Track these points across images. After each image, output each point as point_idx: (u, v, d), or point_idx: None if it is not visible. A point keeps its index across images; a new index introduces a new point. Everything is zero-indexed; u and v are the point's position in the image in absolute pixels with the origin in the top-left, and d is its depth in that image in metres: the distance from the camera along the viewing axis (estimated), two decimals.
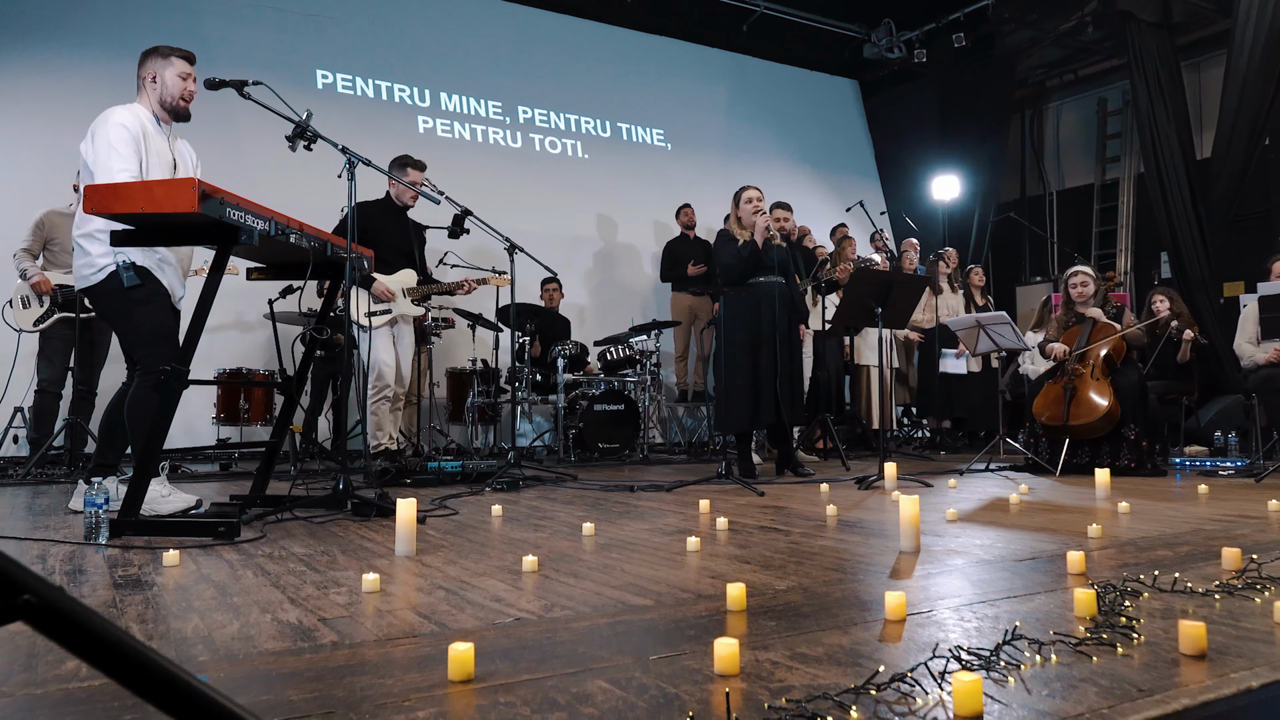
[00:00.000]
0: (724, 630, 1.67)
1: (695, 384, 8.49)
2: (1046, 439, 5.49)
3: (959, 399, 7.98)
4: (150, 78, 3.45)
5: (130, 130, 3.26)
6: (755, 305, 5.11)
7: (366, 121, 7.99)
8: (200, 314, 2.85)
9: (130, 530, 2.80)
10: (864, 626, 1.69)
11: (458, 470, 4.73)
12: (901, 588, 2.04)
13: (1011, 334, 5.33)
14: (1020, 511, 3.53)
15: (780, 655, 1.48)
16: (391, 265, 5.41)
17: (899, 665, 1.41)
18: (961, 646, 1.48)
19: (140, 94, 3.47)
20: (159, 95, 3.47)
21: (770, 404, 5.06)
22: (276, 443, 3.61)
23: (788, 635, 1.62)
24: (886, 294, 4.67)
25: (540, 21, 9.42)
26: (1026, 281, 11.48)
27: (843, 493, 4.33)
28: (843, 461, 6.03)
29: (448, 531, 3.01)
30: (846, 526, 3.11)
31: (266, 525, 3.11)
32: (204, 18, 7.43)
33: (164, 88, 3.46)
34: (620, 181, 9.43)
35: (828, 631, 1.64)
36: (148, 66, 3.46)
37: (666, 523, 3.24)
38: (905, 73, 11.21)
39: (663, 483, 4.70)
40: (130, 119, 3.30)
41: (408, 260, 5.50)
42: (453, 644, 1.38)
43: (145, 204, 2.60)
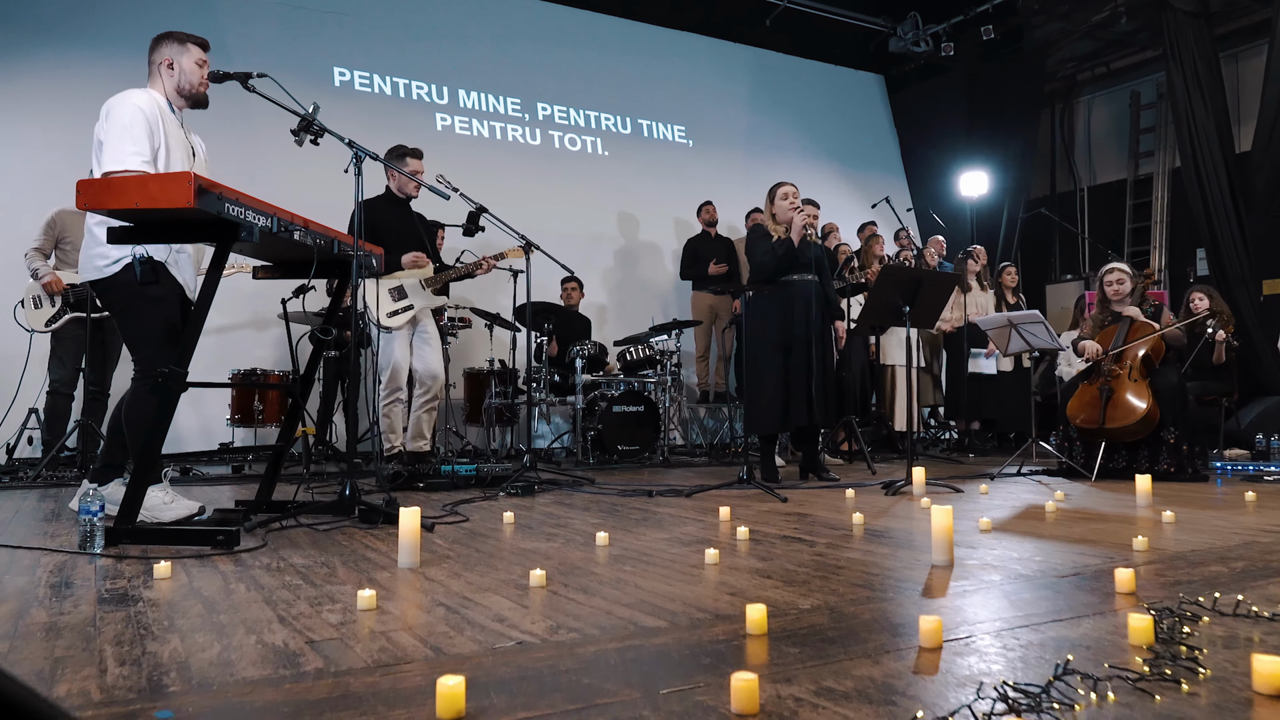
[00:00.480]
0: (743, 658, 1.52)
1: (716, 384, 8.34)
2: (1081, 442, 5.29)
3: (988, 400, 7.78)
4: (166, 64, 3.34)
5: (147, 114, 3.15)
6: (789, 303, 4.96)
7: (384, 119, 7.90)
8: (199, 314, 2.74)
9: (127, 538, 2.70)
10: (896, 655, 1.54)
11: (472, 474, 4.61)
12: (936, 608, 1.89)
13: (1045, 334, 5.14)
14: (1057, 520, 3.35)
15: (805, 690, 1.34)
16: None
17: (938, 705, 1.27)
18: (1007, 683, 1.33)
19: (153, 80, 3.36)
20: (176, 82, 3.37)
21: (803, 405, 4.90)
22: (283, 446, 3.50)
23: (813, 665, 1.47)
24: (915, 292, 4.50)
25: (559, 17, 9.30)
26: (1057, 280, 11.23)
27: (869, 499, 4.17)
28: (868, 465, 5.86)
29: (456, 541, 2.89)
30: (874, 536, 2.96)
31: (269, 533, 3.00)
32: (220, 14, 7.37)
33: (182, 74, 3.36)
34: (641, 179, 9.30)
35: (857, 661, 1.50)
36: (163, 52, 3.35)
37: (685, 531, 3.09)
38: (932, 67, 10.98)
39: (682, 487, 4.56)
40: (148, 102, 3.19)
41: (420, 251, 5.36)
42: (442, 678, 1.25)
43: (140, 199, 2.49)
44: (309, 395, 3.45)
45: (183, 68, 3.37)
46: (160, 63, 3.36)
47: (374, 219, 5.18)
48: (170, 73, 3.36)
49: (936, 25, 10.41)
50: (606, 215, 8.98)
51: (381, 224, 5.19)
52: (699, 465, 6.54)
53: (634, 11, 9.72)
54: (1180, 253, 10.10)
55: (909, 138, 11.49)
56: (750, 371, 5.05)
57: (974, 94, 10.85)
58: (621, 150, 9.35)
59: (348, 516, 3.31)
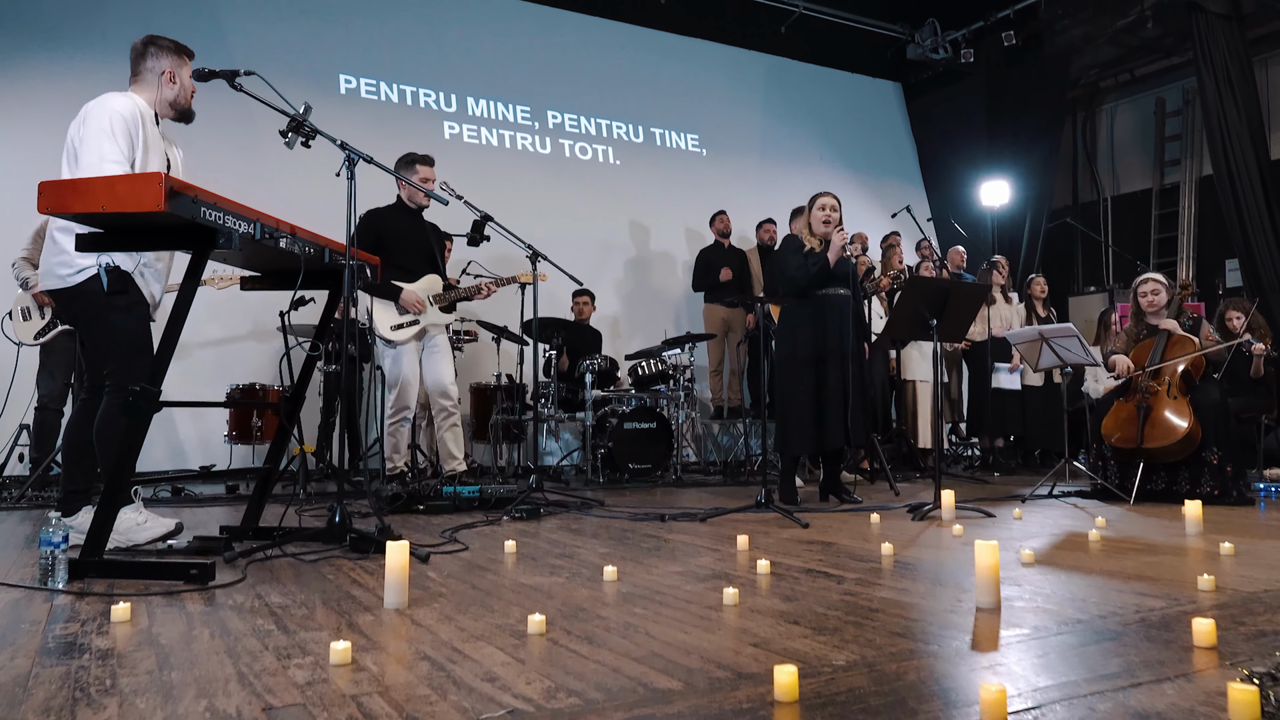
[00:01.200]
0: None
1: (731, 400, 8.10)
2: (1116, 462, 5.02)
3: (1012, 417, 7.50)
4: (167, 75, 3.17)
5: (127, 120, 2.97)
6: (822, 317, 4.74)
7: (391, 127, 7.73)
8: (173, 327, 2.53)
9: (93, 571, 2.48)
10: None
11: (475, 496, 4.38)
12: (990, 666, 1.65)
13: (1079, 347, 4.87)
14: (1104, 551, 3.10)
15: None
16: (414, 272, 5.05)
17: None
18: None
19: (141, 86, 3.17)
20: (174, 94, 3.20)
21: (838, 425, 4.66)
22: (271, 468, 3.28)
23: None
24: (942, 304, 4.25)
25: (570, 23, 9.12)
26: (1080, 292, 10.95)
27: (895, 524, 3.92)
28: (891, 485, 5.60)
29: (451, 574, 2.65)
30: (906, 570, 2.71)
31: (250, 564, 2.78)
32: (225, 19, 7.21)
33: (182, 89, 3.21)
34: (653, 188, 9.09)
35: None
36: (163, 62, 3.17)
37: (700, 564, 2.85)
38: (950, 73, 10.75)
39: (697, 510, 4.32)
40: (128, 107, 3.00)
41: (430, 265, 5.14)
42: None
43: (107, 202, 2.28)
44: (298, 413, 3.24)
45: (183, 82, 3.22)
46: (159, 71, 3.18)
47: (383, 228, 4.97)
48: (171, 86, 3.19)
49: (955, 31, 10.19)
50: (618, 225, 8.77)
51: (391, 234, 4.98)
52: (713, 484, 6.30)
53: (646, 18, 9.53)
54: (1208, 264, 9.81)
55: (928, 146, 11.25)
56: (781, 388, 4.83)
57: (994, 101, 10.61)
58: (633, 159, 9.15)
59: (338, 544, 3.08)
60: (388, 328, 4.92)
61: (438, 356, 5.10)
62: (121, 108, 2.99)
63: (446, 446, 5.12)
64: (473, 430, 6.81)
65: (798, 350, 4.77)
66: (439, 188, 4.87)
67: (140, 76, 3.19)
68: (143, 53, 3.19)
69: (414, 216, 5.11)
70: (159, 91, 3.17)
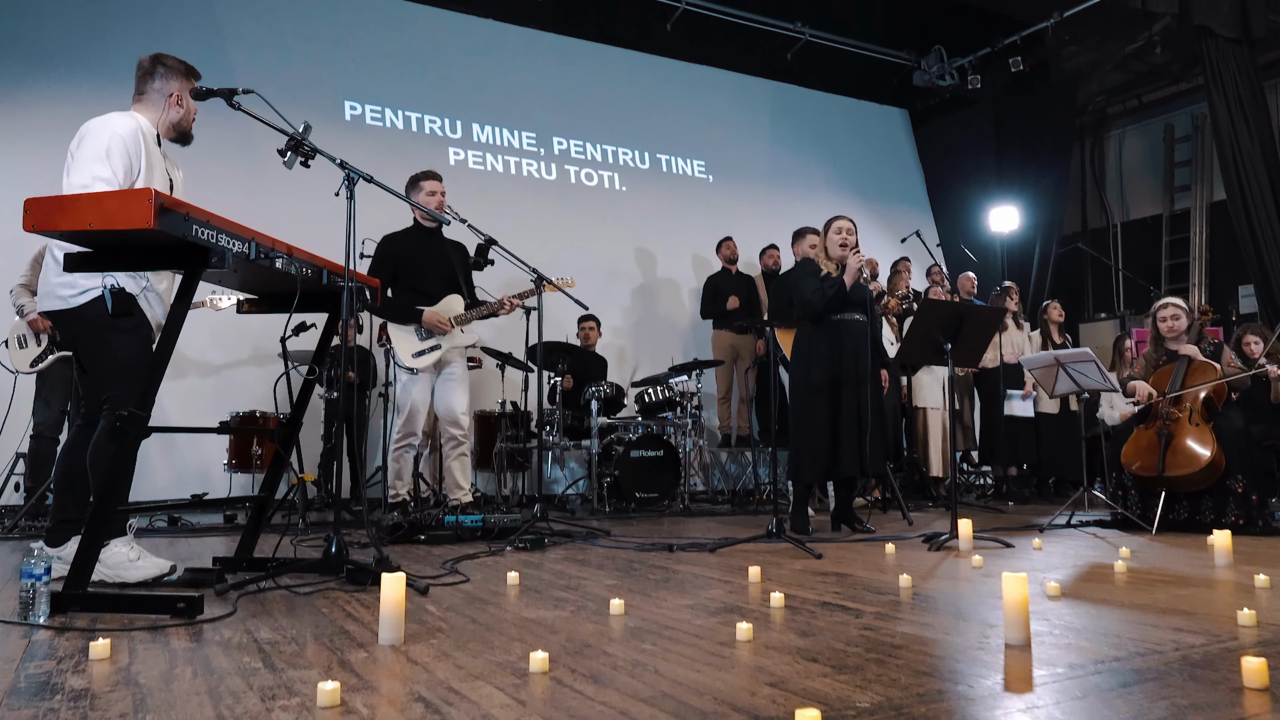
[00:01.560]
0: None
1: (739, 428, 7.97)
2: (1137, 491, 4.89)
3: (1025, 444, 7.37)
4: (175, 98, 3.10)
5: (126, 140, 2.88)
6: (838, 342, 4.64)
7: (396, 153, 7.68)
8: (164, 350, 2.45)
9: (76, 605, 2.37)
10: None
11: (478, 525, 4.26)
12: (1027, 708, 1.53)
13: (1096, 372, 4.76)
14: (1132, 583, 2.97)
15: None
16: (434, 296, 4.95)
17: None
18: None
19: (145, 105, 3.09)
20: (180, 118, 3.13)
21: (853, 452, 4.55)
22: (265, 497, 3.18)
23: None
24: (957, 328, 4.15)
25: (575, 50, 9.12)
26: (1091, 318, 10.84)
27: (911, 554, 3.79)
28: (904, 514, 5.46)
29: (450, 607, 2.54)
30: (927, 604, 2.59)
31: (242, 597, 2.66)
32: (231, 46, 7.20)
33: (186, 112, 3.14)
34: (659, 214, 9.03)
35: None
36: (171, 83, 3.09)
37: (710, 596, 2.73)
38: (958, 100, 10.73)
39: (705, 540, 4.19)
40: (129, 128, 2.92)
41: (451, 285, 5.02)
42: None
43: (95, 219, 2.20)
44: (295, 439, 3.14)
45: (188, 105, 3.15)
46: (166, 93, 3.10)
47: (400, 253, 4.89)
48: (177, 109, 3.12)
49: (962, 58, 10.18)
50: (624, 251, 8.70)
51: (408, 258, 4.90)
52: (722, 514, 6.16)
53: (651, 45, 9.53)
54: (1221, 290, 9.70)
55: (935, 172, 11.20)
56: (795, 415, 4.73)
57: (1002, 128, 10.57)
58: (639, 185, 9.10)
59: (335, 576, 2.97)
60: (409, 355, 4.83)
61: (452, 384, 4.99)
62: (122, 128, 2.91)
63: (453, 476, 5.00)
64: (477, 458, 6.69)
65: (812, 376, 4.68)
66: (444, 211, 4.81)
67: (145, 96, 3.11)
68: (150, 71, 3.12)
69: (431, 237, 5.02)
70: (165, 113, 3.10)
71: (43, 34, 6.65)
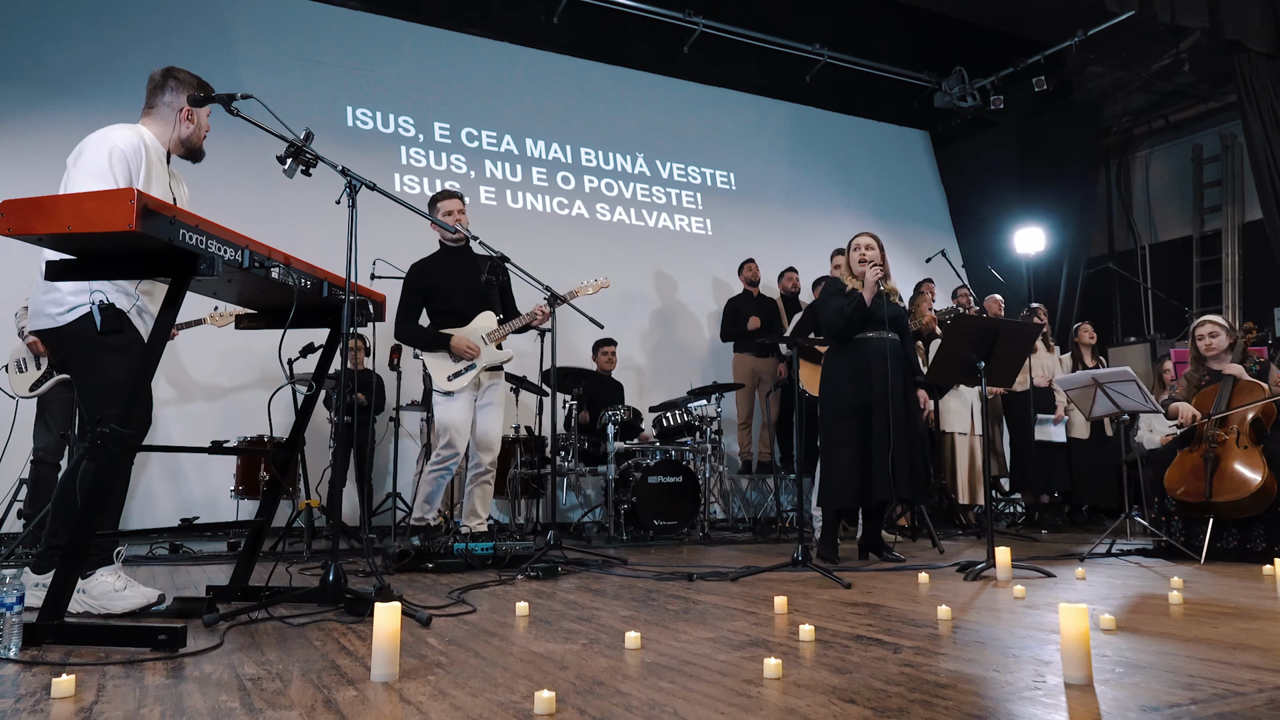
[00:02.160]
0: None
1: (761, 453, 7.76)
2: (1181, 518, 4.65)
3: (1058, 471, 7.12)
4: (185, 113, 2.98)
5: (127, 154, 2.75)
6: (864, 362, 4.46)
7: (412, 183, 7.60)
8: (148, 362, 2.29)
9: (50, 637, 2.20)
10: None
11: (489, 554, 4.08)
12: None
13: (1137, 393, 4.53)
14: (1190, 616, 2.74)
15: None
16: (466, 315, 4.80)
17: None
18: None
19: (154, 119, 2.98)
20: (190, 134, 3.01)
21: (884, 476, 4.35)
22: (261, 522, 3.01)
23: None
24: (990, 346, 3.95)
25: (591, 74, 9.04)
26: (1120, 342, 10.56)
27: (946, 584, 3.57)
28: (934, 542, 5.23)
29: (454, 640, 2.35)
30: (970, 637, 2.38)
31: (233, 628, 2.49)
32: (242, 70, 7.15)
33: (197, 127, 3.03)
34: (677, 238, 8.89)
35: None
36: (182, 98, 2.97)
37: (734, 628, 2.53)
38: (979, 121, 10.57)
39: (727, 569, 3.99)
40: (131, 141, 2.79)
41: (483, 303, 4.87)
42: None
43: (73, 221, 2.06)
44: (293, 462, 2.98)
45: (199, 121, 3.03)
46: (177, 108, 2.99)
47: (429, 279, 4.76)
48: (188, 124, 3.01)
49: (984, 79, 10.02)
50: (642, 275, 8.55)
51: (439, 282, 4.76)
52: (743, 542, 5.95)
53: (668, 68, 9.43)
54: (1256, 311, 9.42)
55: (958, 194, 11.02)
56: (825, 438, 4.54)
57: (1026, 149, 10.40)
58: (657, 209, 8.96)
59: (334, 606, 2.79)
60: (444, 379, 4.68)
61: (491, 409, 4.84)
62: (123, 141, 2.78)
63: (473, 503, 4.81)
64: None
65: (840, 398, 4.49)
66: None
67: (155, 110, 2.99)
68: (161, 85, 3.00)
69: (460, 257, 4.88)
70: (175, 129, 2.98)
71: (53, 57, 6.61)
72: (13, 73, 6.48)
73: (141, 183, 2.80)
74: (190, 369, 6.45)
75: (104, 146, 2.71)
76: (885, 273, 4.60)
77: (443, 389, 4.67)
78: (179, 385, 6.43)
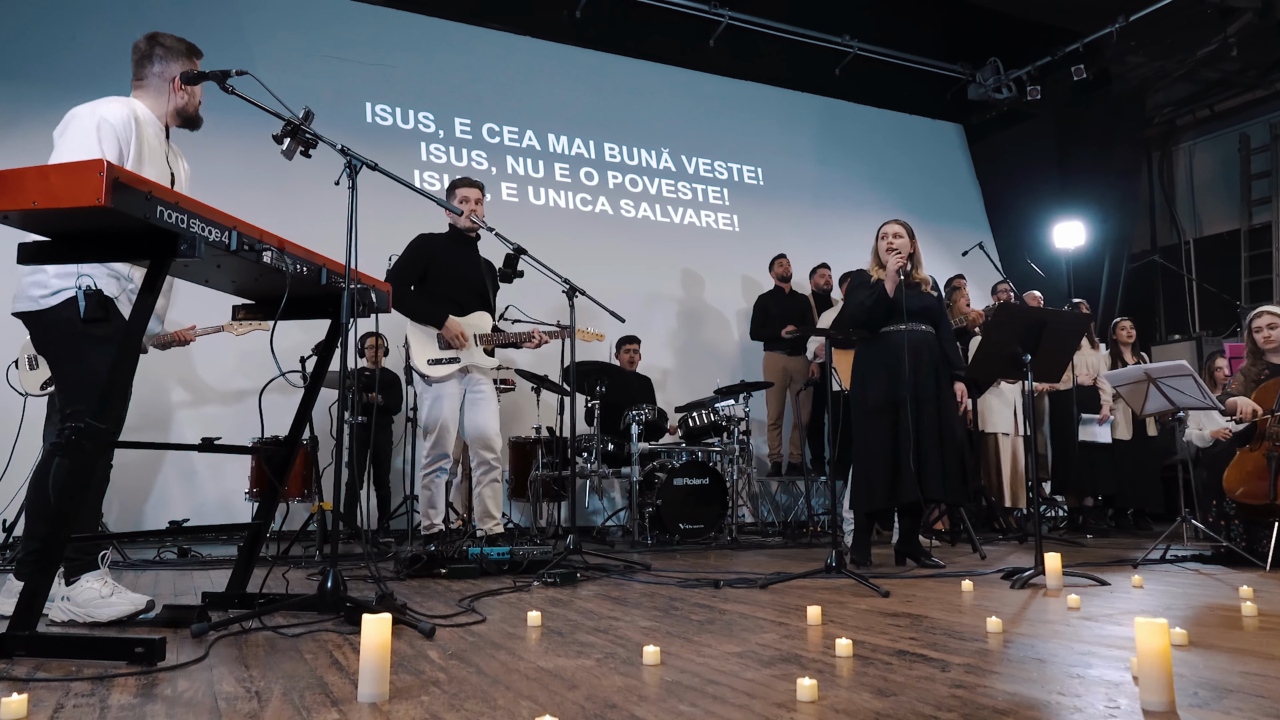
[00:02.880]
0: None
1: (791, 455, 7.52)
2: (1241, 521, 4.36)
3: (1103, 472, 6.82)
4: (176, 82, 2.83)
5: (117, 126, 2.62)
6: (893, 357, 4.23)
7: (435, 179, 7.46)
8: (126, 350, 2.12)
9: (21, 648, 2.03)
10: None
11: (505, 559, 3.88)
12: None
13: (1194, 389, 4.25)
14: (1269, 629, 2.49)
15: None
16: (464, 307, 4.60)
17: None
18: None
19: (146, 91, 2.84)
20: (184, 103, 2.87)
21: (912, 477, 4.12)
22: (260, 525, 2.84)
23: None
24: (1037, 338, 3.70)
25: (616, 68, 8.86)
26: (1164, 340, 10.19)
27: (991, 592, 3.33)
28: (974, 547, 4.97)
29: (456, 654, 2.16)
30: (1025, 653, 2.14)
31: (222, 638, 2.31)
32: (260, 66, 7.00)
33: (191, 95, 2.89)
34: (703, 235, 8.68)
35: None
36: (172, 66, 2.84)
37: (763, 641, 2.31)
38: (1015, 113, 10.28)
39: (756, 575, 3.77)
40: (120, 114, 2.65)
41: (482, 302, 4.68)
42: None
43: (39, 196, 1.89)
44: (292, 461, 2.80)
45: (191, 89, 2.87)
46: (165, 76, 2.85)
47: (433, 255, 4.57)
48: (181, 95, 2.87)
49: (1019, 69, 9.72)
50: (668, 273, 8.34)
51: (442, 262, 4.57)
52: (772, 546, 5.72)
53: (693, 61, 9.23)
54: None
55: (993, 189, 10.72)
56: (856, 438, 4.31)
57: (1065, 140, 10.08)
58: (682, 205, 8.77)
59: (334, 614, 2.61)
60: (424, 361, 4.48)
61: (482, 402, 4.60)
62: (112, 114, 2.64)
63: (484, 504, 4.61)
64: (511, 487, 6.33)
65: (868, 395, 4.28)
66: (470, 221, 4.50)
67: (144, 81, 2.85)
68: (148, 54, 2.86)
69: (468, 248, 4.70)
70: (168, 100, 2.84)
71: (71, 56, 6.53)
72: (31, 72, 6.41)
73: (133, 158, 2.66)
74: (205, 371, 6.34)
75: (91, 119, 2.56)
76: (916, 261, 4.38)
77: (421, 370, 4.46)
78: (193, 387, 6.31)
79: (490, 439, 4.58)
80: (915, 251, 4.42)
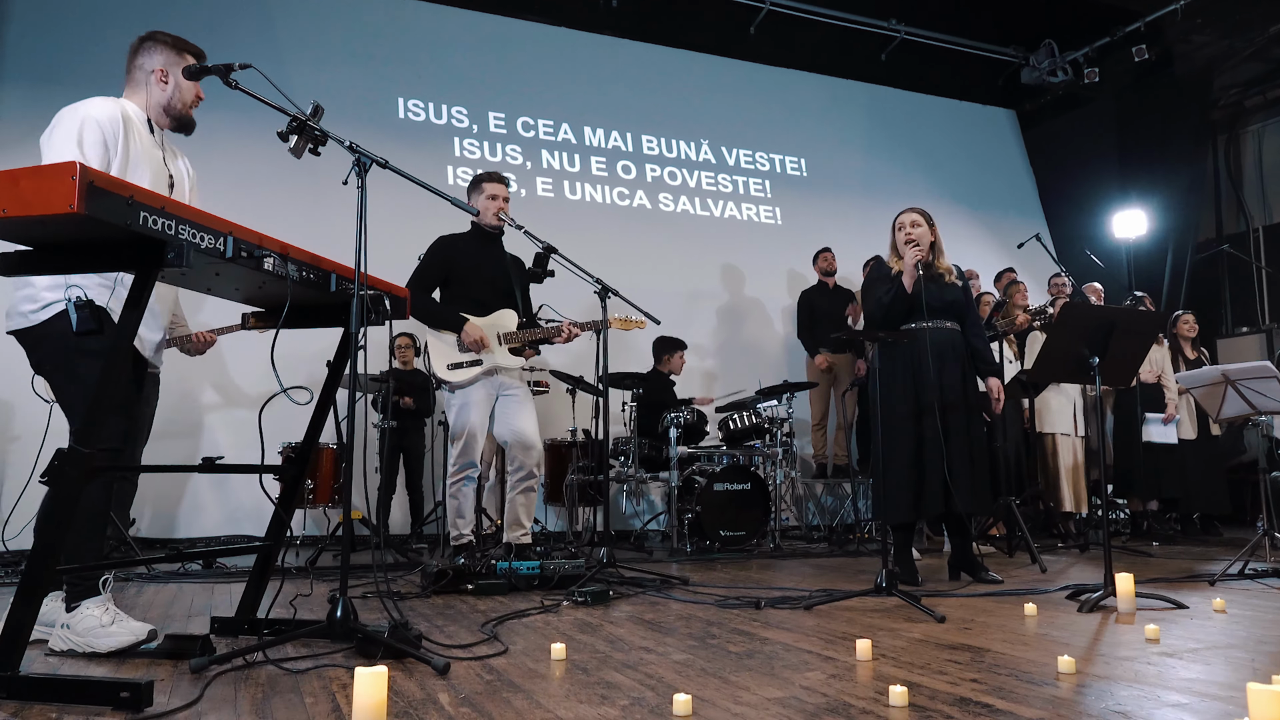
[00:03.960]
0: None
1: (836, 456, 7.26)
2: None
3: (1168, 475, 6.46)
4: (160, 75, 2.71)
5: (103, 126, 2.49)
6: (915, 357, 3.97)
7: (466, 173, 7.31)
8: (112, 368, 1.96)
9: (2, 691, 1.89)
10: None
11: (534, 573, 3.70)
12: None
13: (1279, 391, 3.93)
14: None
15: None
16: (487, 305, 4.40)
17: None
18: None
19: (133, 89, 2.73)
20: (167, 97, 2.73)
21: (937, 487, 3.86)
22: (271, 545, 2.69)
23: None
24: (1105, 339, 3.42)
25: (654, 57, 8.63)
26: (1230, 333, 9.71)
27: (1058, 618, 3.06)
28: (1033, 558, 4.68)
29: (468, 697, 1.97)
30: (1105, 703, 1.89)
31: (221, 674, 2.15)
32: (289, 65, 6.92)
33: (178, 91, 2.73)
34: (745, 229, 8.43)
35: None
36: (154, 59, 2.71)
37: (808, 683, 2.09)
38: (1072, 98, 9.85)
39: (800, 593, 3.54)
40: (107, 113, 2.52)
41: (506, 299, 4.47)
42: None
43: (8, 204, 1.74)
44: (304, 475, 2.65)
45: (178, 83, 2.72)
46: (150, 70, 2.72)
47: (455, 256, 4.39)
48: (163, 87, 2.73)
49: (1076, 51, 9.30)
50: (708, 268, 8.10)
51: (464, 262, 4.39)
52: (817, 554, 5.48)
53: (734, 50, 8.97)
54: None
55: (1048, 177, 10.30)
56: (877, 444, 4.05)
57: (1124, 125, 9.63)
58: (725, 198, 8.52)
59: (345, 644, 2.45)
60: (444, 366, 4.30)
61: (515, 404, 4.39)
62: (98, 112, 2.51)
63: (516, 512, 4.40)
64: (546, 492, 6.15)
65: (891, 399, 4.00)
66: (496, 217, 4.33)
67: (132, 77, 2.74)
68: (136, 49, 2.74)
69: (492, 245, 4.50)
70: (148, 94, 2.69)
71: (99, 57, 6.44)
72: (59, 74, 6.36)
73: (120, 158, 2.52)
74: (235, 376, 6.26)
75: (76, 120, 2.44)
76: (938, 249, 4.10)
77: (441, 375, 4.29)
78: (224, 392, 6.23)
79: (528, 440, 4.36)
80: (936, 239, 4.14)
